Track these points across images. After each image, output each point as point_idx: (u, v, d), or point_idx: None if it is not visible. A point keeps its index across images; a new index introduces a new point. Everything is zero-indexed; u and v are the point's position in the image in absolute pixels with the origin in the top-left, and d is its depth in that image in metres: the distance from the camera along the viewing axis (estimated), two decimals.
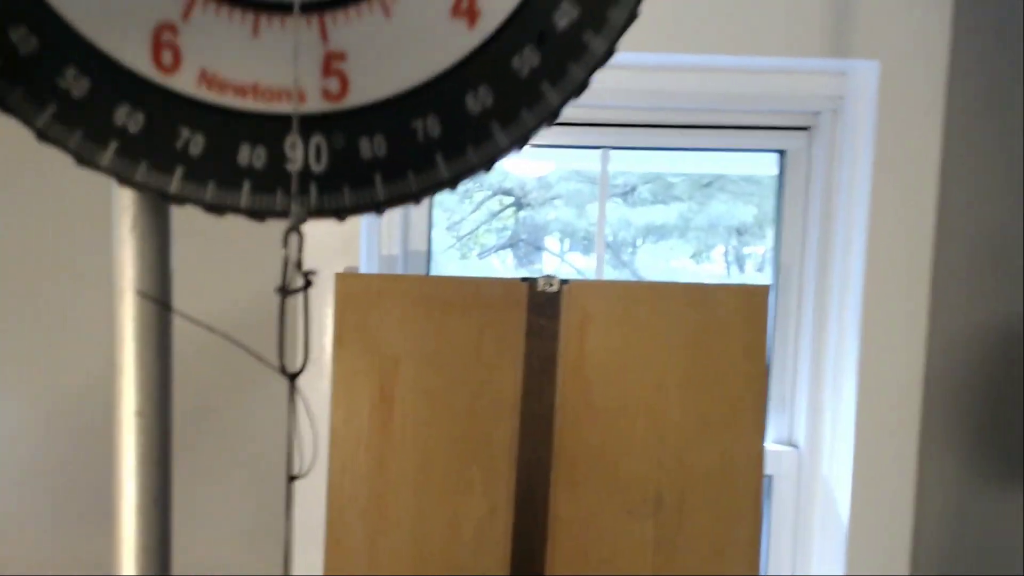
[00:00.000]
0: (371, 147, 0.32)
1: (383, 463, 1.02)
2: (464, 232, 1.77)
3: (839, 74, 1.11)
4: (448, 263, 1.70)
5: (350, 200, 0.32)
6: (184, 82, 0.31)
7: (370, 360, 1.02)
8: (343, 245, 1.11)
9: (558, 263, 1.77)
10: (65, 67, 0.31)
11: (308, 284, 0.32)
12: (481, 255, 1.78)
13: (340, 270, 1.10)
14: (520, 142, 0.32)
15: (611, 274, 1.71)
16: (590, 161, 1.27)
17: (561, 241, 1.80)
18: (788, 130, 1.17)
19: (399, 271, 1.22)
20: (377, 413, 1.03)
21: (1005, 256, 1.07)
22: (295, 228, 0.31)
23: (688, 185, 1.72)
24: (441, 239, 1.60)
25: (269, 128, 0.32)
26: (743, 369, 1.00)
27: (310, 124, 0.32)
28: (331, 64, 0.31)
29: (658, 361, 1.02)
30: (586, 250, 1.79)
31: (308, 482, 1.11)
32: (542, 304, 1.04)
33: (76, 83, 0.31)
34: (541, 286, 1.03)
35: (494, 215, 1.77)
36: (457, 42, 0.31)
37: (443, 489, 1.02)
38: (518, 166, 1.50)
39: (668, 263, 1.80)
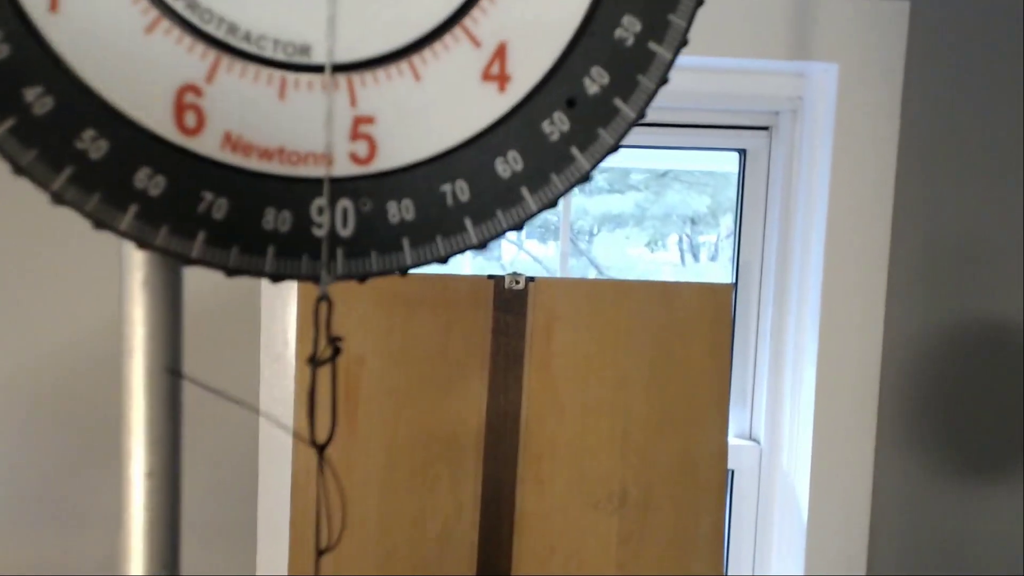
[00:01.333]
0: (399, 211, 0.31)
1: (348, 461, 1.02)
2: None
3: (798, 75, 1.14)
4: None
5: (377, 265, 0.32)
6: (208, 145, 0.31)
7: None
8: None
9: (516, 251, 1.78)
10: (83, 129, 0.30)
11: (337, 352, 0.32)
12: None
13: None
14: (549, 205, 0.32)
15: (569, 262, 1.72)
16: None
17: None
18: (748, 129, 1.19)
19: None
20: (342, 411, 1.02)
21: (960, 255, 1.11)
22: (324, 296, 0.31)
23: (645, 175, 1.74)
24: None
25: (295, 192, 0.31)
26: (707, 366, 1.03)
27: (337, 188, 0.31)
28: (359, 128, 0.31)
29: (623, 358, 1.03)
30: (543, 238, 1.80)
31: (272, 481, 1.10)
32: (508, 301, 1.05)
33: (94, 145, 0.30)
34: (507, 284, 1.03)
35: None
36: (487, 107, 0.31)
37: (409, 487, 1.02)
38: None
39: (624, 251, 1.83)
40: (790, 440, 1.18)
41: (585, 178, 0.32)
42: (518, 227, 0.32)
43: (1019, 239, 1.12)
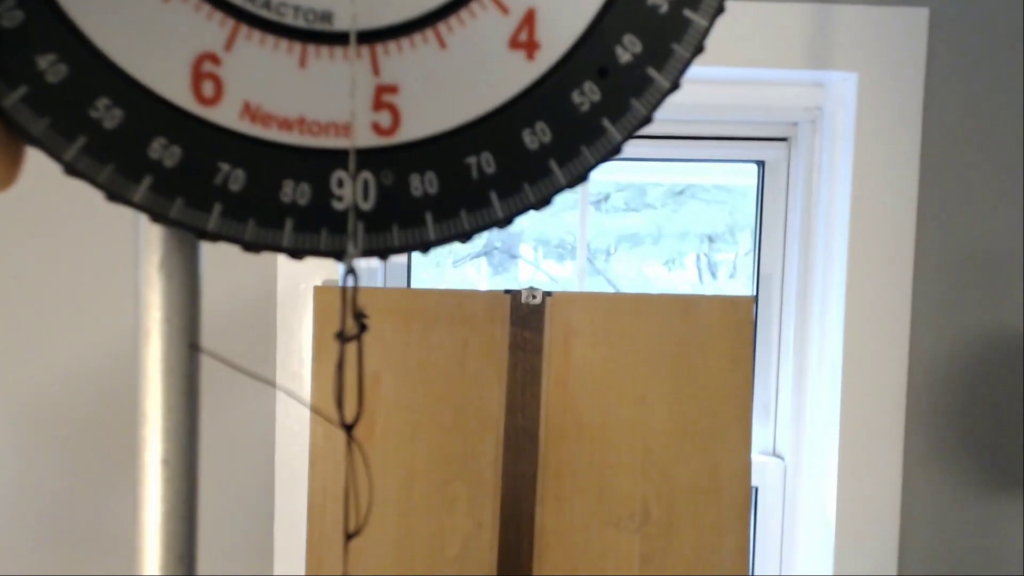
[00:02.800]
0: (422, 184, 0.30)
1: (365, 481, 1.00)
2: None
3: (817, 85, 1.13)
4: (422, 271, 1.69)
5: (399, 240, 0.30)
6: (226, 115, 0.29)
7: (350, 376, 1.00)
8: (321, 258, 1.08)
9: (533, 271, 1.76)
10: (97, 97, 0.29)
11: (363, 328, 0.30)
12: (456, 263, 1.77)
13: (319, 283, 1.08)
14: (579, 180, 0.31)
15: (586, 281, 1.71)
16: None
17: (536, 249, 1.80)
18: (767, 140, 1.18)
19: (379, 283, 1.20)
20: (358, 430, 1.01)
21: (986, 264, 1.09)
22: (351, 270, 0.29)
23: (661, 193, 1.73)
24: None
25: (313, 163, 0.30)
26: (729, 381, 1.01)
27: (358, 160, 0.30)
28: (382, 97, 0.29)
29: (643, 373, 1.02)
30: (560, 257, 1.79)
31: (288, 502, 1.08)
32: (525, 316, 1.03)
33: (108, 114, 0.29)
34: (524, 298, 1.02)
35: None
36: (515, 76, 0.30)
37: (427, 507, 1.00)
38: None
39: (641, 270, 1.81)
40: (815, 456, 1.15)
41: (616, 151, 0.31)
42: (546, 202, 0.31)
43: None
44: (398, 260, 1.23)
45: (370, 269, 1.21)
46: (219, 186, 0.29)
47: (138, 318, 0.32)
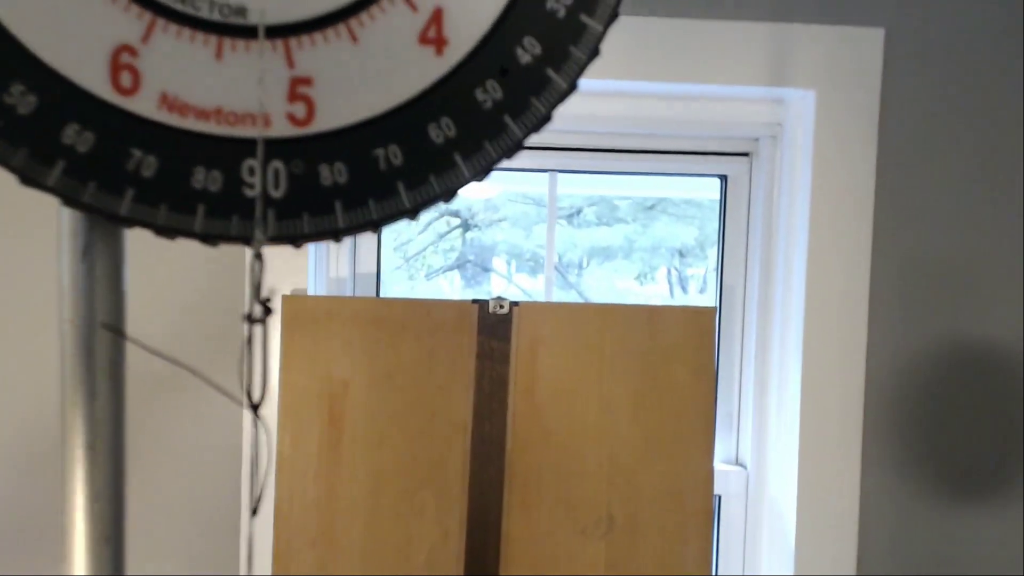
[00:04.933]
0: (332, 174, 0.31)
1: (332, 489, 1.00)
2: (411, 253, 1.76)
3: (777, 102, 1.15)
4: (395, 284, 1.69)
5: (309, 227, 0.31)
6: (144, 105, 0.30)
7: (319, 383, 1.00)
8: (290, 267, 1.09)
9: (505, 284, 1.77)
10: (11, 83, 0.30)
11: (268, 312, 0.31)
12: (428, 276, 1.77)
13: (287, 292, 1.08)
14: (483, 173, 0.32)
15: (558, 295, 1.72)
16: (536, 184, 1.28)
17: (508, 262, 1.80)
18: (729, 156, 1.20)
19: (348, 293, 1.20)
20: (326, 437, 1.01)
21: (940, 275, 1.11)
22: (258, 255, 0.30)
23: (632, 207, 1.74)
24: (388, 260, 1.59)
25: (225, 152, 0.31)
26: (691, 390, 1.02)
27: (269, 149, 0.31)
28: (297, 89, 0.30)
29: (608, 382, 1.02)
30: (533, 271, 1.79)
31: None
32: (493, 326, 1.04)
33: (22, 100, 0.30)
34: (492, 308, 1.02)
35: (441, 236, 1.77)
36: (423, 70, 0.31)
37: (395, 514, 1.00)
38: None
39: (613, 284, 1.82)
40: (777, 465, 1.15)
41: (518, 146, 0.32)
42: (451, 194, 0.32)
43: (998, 259, 1.12)
44: (367, 271, 1.23)
45: (340, 279, 1.21)
46: (131, 172, 0.30)
47: (61, 304, 0.33)
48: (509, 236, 1.77)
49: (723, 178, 1.22)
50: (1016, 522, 1.13)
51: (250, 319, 0.30)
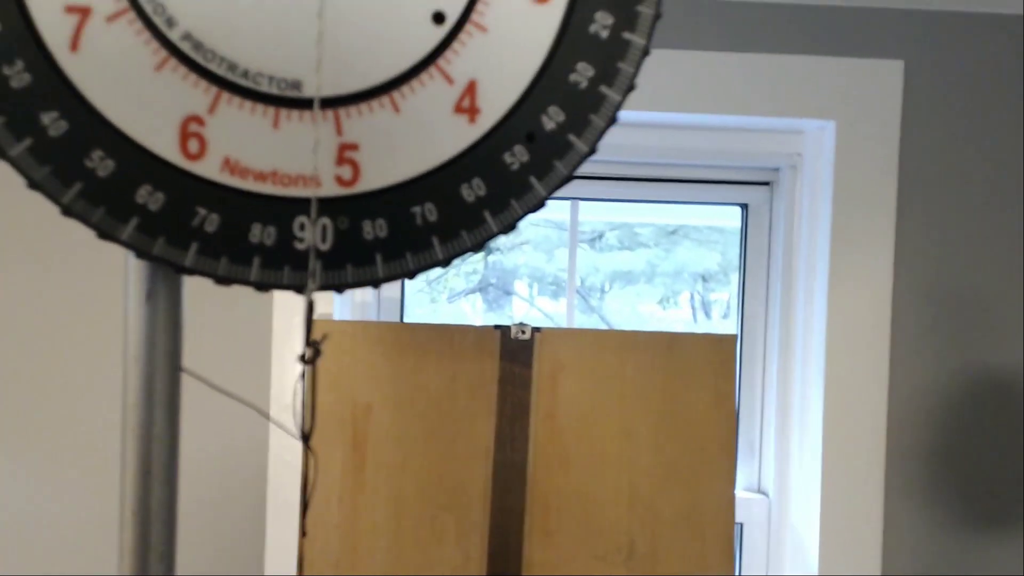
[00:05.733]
0: (373, 229, 0.35)
1: (355, 512, 1.03)
2: (434, 276, 1.80)
3: (797, 132, 1.18)
4: (417, 307, 1.73)
5: (352, 277, 0.35)
6: (208, 168, 0.35)
7: (343, 407, 1.03)
8: (317, 293, 1.13)
9: (527, 308, 1.81)
10: (92, 149, 0.34)
11: (318, 354, 0.35)
12: (450, 299, 1.81)
13: (314, 317, 1.12)
14: (509, 228, 0.36)
15: (580, 319, 1.75)
16: (558, 209, 1.32)
17: (530, 286, 1.84)
18: (750, 184, 1.23)
19: (372, 317, 1.24)
20: (350, 461, 1.04)
21: (962, 304, 1.13)
22: (311, 303, 0.34)
23: (654, 232, 1.78)
24: (411, 283, 1.63)
25: (280, 209, 0.35)
26: (712, 417, 1.04)
27: (318, 207, 0.35)
28: (344, 153, 0.35)
29: (629, 408, 1.05)
30: (555, 295, 1.83)
31: (280, 532, 1.12)
32: (515, 351, 1.07)
33: (102, 164, 0.34)
34: (514, 333, 1.05)
35: (464, 259, 1.80)
36: (457, 136, 0.35)
37: (416, 538, 1.03)
38: None
39: (636, 308, 1.85)
40: (799, 493, 1.17)
41: (541, 204, 0.36)
42: (480, 246, 0.36)
43: (1019, 290, 1.14)
44: (391, 295, 1.28)
45: (364, 303, 1.25)
46: (196, 227, 0.35)
47: (126, 343, 0.37)
48: (531, 259, 1.81)
49: (744, 207, 1.25)
50: None
51: (304, 360, 0.34)
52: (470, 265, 1.82)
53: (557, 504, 1.04)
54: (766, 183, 1.23)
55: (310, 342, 0.35)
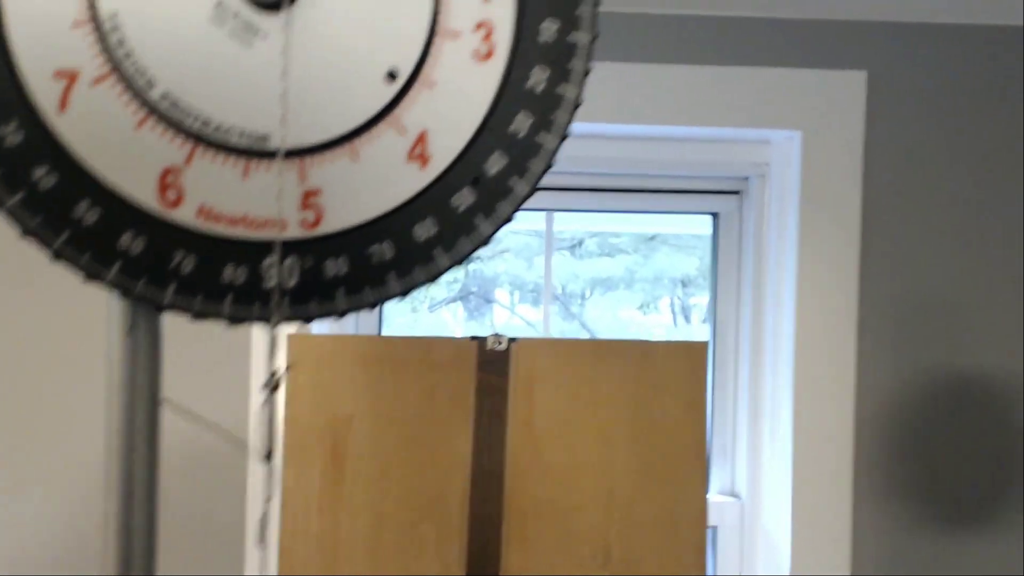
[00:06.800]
0: (335, 267, 0.40)
1: (335, 523, 1.06)
2: None
3: (764, 143, 1.24)
4: (398, 316, 1.77)
5: (316, 310, 0.40)
6: (185, 215, 0.39)
7: (322, 420, 1.07)
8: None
9: (508, 315, 1.85)
10: (79, 200, 0.39)
11: (275, 387, 0.40)
12: (431, 308, 1.85)
13: (292, 331, 1.16)
14: (459, 263, 0.41)
15: (561, 325, 1.80)
16: (535, 220, 1.37)
17: (511, 293, 1.88)
18: (720, 194, 1.28)
19: (351, 327, 1.28)
20: (329, 473, 1.08)
21: (926, 308, 1.19)
22: (274, 335, 0.39)
23: (633, 239, 1.83)
24: None
25: (250, 251, 0.40)
26: (685, 423, 1.08)
27: (284, 248, 0.40)
28: (308, 199, 0.39)
29: (604, 416, 1.09)
30: (535, 302, 1.87)
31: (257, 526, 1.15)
32: (491, 362, 1.11)
33: (88, 213, 0.39)
34: (490, 344, 1.09)
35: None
36: (410, 181, 0.40)
37: (396, 548, 1.06)
38: None
39: (616, 314, 1.89)
40: (770, 495, 1.23)
41: (486, 241, 0.41)
42: (433, 280, 0.41)
43: (983, 293, 1.20)
44: None
45: None
46: (174, 269, 0.39)
47: (109, 374, 0.41)
48: (512, 267, 1.85)
49: (715, 215, 1.31)
50: (1007, 553, 1.20)
51: (269, 386, 0.39)
52: (450, 274, 1.86)
53: (534, 511, 1.08)
54: (735, 192, 1.29)
55: (273, 373, 0.40)
